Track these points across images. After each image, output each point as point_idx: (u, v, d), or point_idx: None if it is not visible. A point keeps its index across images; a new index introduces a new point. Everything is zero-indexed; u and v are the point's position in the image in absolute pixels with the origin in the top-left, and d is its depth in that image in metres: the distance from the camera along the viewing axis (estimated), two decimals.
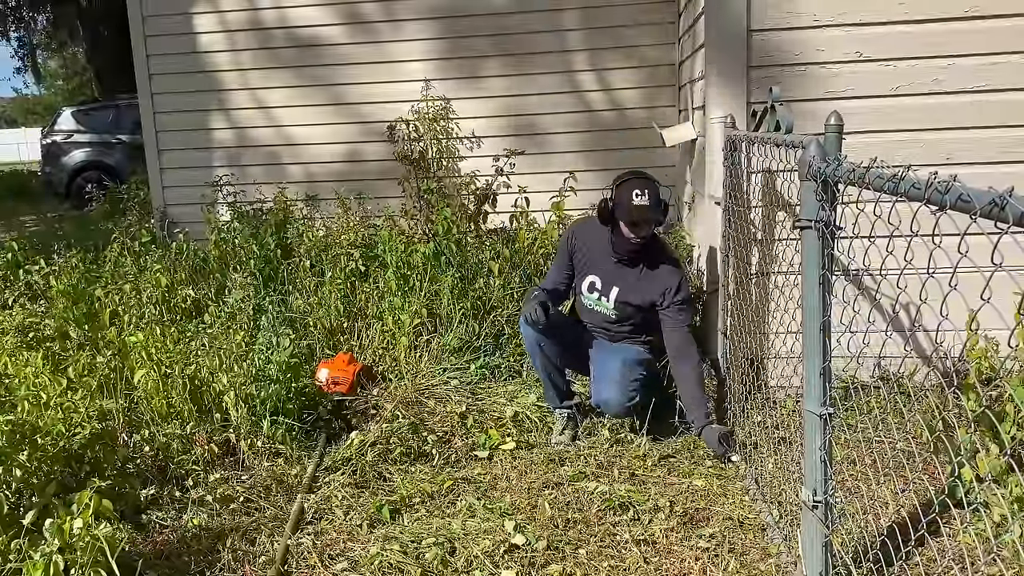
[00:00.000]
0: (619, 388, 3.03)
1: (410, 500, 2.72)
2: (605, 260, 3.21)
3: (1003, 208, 1.15)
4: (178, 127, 5.57)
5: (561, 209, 4.54)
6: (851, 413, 2.94)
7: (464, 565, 2.32)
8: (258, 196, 5.43)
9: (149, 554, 2.38)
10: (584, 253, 3.26)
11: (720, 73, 3.39)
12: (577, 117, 5.26)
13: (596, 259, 3.24)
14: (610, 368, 3.10)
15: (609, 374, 3.08)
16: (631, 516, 2.56)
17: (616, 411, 3.09)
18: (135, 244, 5.24)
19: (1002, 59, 3.21)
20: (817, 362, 1.94)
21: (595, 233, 3.21)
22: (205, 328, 3.93)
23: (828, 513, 2.00)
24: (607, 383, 3.07)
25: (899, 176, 1.45)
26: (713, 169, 3.42)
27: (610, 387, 3.05)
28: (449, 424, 3.26)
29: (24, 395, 2.75)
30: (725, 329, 3.36)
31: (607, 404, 3.08)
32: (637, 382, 3.08)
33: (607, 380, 3.08)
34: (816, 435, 1.97)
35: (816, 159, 1.86)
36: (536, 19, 5.14)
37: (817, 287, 1.92)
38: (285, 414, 3.09)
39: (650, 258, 3.15)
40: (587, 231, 3.27)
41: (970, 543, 2.20)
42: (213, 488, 2.77)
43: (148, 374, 3.11)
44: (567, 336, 3.22)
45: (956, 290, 1.31)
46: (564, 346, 3.19)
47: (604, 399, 3.07)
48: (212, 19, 5.43)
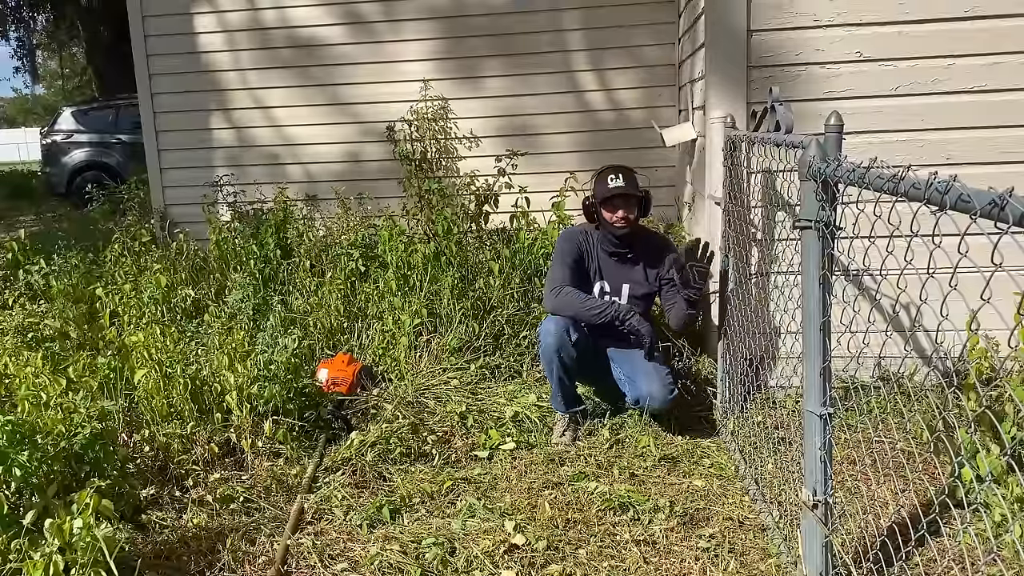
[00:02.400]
0: (658, 379, 3.09)
1: (410, 500, 2.72)
2: (605, 260, 3.28)
3: (1003, 208, 1.15)
4: (178, 127, 5.57)
5: (561, 209, 4.54)
6: (851, 413, 2.94)
7: (464, 565, 2.32)
8: (258, 196, 5.43)
9: (149, 554, 2.37)
10: (587, 258, 3.32)
11: (720, 73, 3.39)
12: (577, 117, 5.26)
13: (597, 263, 3.32)
14: (641, 364, 3.17)
15: (643, 368, 3.15)
16: (631, 516, 2.56)
17: (662, 403, 3.09)
18: (135, 244, 5.24)
19: (1002, 59, 3.21)
20: (817, 362, 1.94)
21: (590, 237, 3.35)
22: (205, 328, 3.94)
23: (828, 513, 2.00)
24: (644, 377, 3.12)
25: (899, 176, 1.45)
26: (713, 169, 3.42)
27: (649, 380, 3.10)
28: (449, 424, 3.26)
29: (24, 395, 2.75)
30: (725, 329, 3.35)
31: (653, 397, 3.08)
32: (669, 374, 3.16)
33: (643, 375, 3.13)
34: (816, 435, 1.97)
35: (816, 159, 1.86)
36: (536, 19, 5.14)
37: (817, 287, 1.93)
38: (286, 414, 3.10)
39: (643, 243, 3.34)
40: (584, 234, 3.36)
41: (970, 543, 2.20)
42: (213, 488, 2.77)
43: (149, 374, 3.11)
44: (586, 350, 3.23)
45: (956, 290, 1.31)
46: (581, 357, 3.20)
47: (648, 392, 3.08)
48: (212, 19, 5.43)
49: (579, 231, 3.37)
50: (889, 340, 1.75)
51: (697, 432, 3.20)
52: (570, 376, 3.19)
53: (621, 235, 3.25)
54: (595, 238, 3.33)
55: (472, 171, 5.00)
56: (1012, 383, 2.64)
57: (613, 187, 3.17)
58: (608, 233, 3.27)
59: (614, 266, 3.28)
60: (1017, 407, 2.40)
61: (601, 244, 3.32)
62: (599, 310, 3.12)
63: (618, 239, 3.27)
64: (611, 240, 3.28)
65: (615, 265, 3.28)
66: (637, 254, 3.32)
